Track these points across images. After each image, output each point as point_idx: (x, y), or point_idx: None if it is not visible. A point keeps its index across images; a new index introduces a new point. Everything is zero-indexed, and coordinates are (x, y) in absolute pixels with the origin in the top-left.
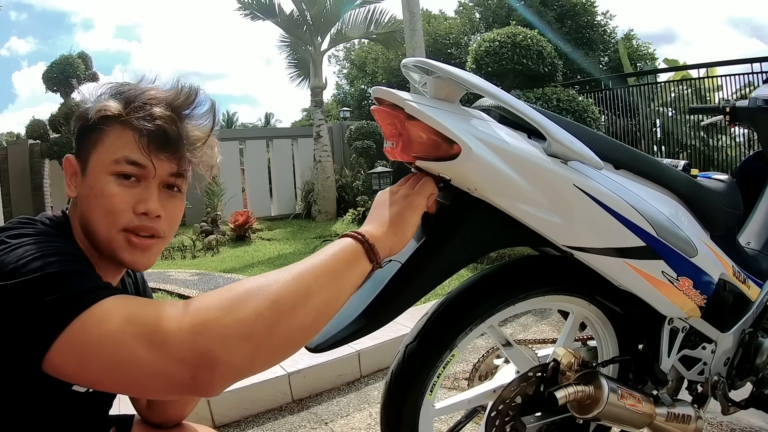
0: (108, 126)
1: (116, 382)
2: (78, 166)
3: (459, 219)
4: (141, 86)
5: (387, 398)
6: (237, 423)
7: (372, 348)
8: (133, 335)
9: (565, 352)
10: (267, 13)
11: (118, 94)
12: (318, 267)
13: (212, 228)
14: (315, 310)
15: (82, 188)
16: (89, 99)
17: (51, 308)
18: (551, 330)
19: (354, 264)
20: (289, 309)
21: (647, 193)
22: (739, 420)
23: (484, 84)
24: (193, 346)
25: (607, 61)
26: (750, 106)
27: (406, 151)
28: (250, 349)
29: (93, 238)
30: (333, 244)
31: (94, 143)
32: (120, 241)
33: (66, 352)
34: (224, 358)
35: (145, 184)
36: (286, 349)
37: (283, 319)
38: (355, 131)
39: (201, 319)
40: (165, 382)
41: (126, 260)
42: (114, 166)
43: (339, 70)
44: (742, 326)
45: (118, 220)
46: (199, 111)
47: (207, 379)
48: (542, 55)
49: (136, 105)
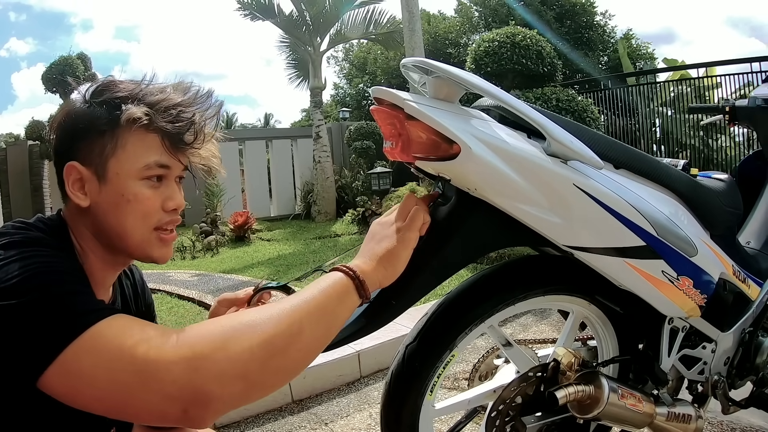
0: (126, 131)
1: (107, 410)
2: (89, 173)
3: (459, 219)
4: (155, 88)
5: (387, 398)
6: (237, 423)
7: (372, 348)
8: (124, 368)
9: (565, 352)
10: (266, 14)
11: (134, 98)
12: (310, 303)
13: (212, 229)
14: (306, 347)
15: (104, 196)
16: (83, 102)
17: (44, 334)
18: (551, 330)
19: (345, 299)
20: (282, 347)
21: (647, 193)
22: (740, 419)
23: (484, 84)
24: (186, 384)
25: (606, 61)
26: (749, 105)
27: (406, 151)
28: (243, 387)
29: (119, 242)
30: (324, 278)
31: (113, 149)
32: (153, 240)
33: (58, 378)
34: (218, 394)
35: (166, 182)
36: (278, 384)
37: (277, 356)
38: (355, 132)
39: (195, 355)
40: (156, 415)
41: (156, 256)
42: (146, 171)
43: (339, 71)
44: (742, 325)
45: (152, 221)
46: (212, 112)
47: (199, 414)
48: (541, 55)
49: (159, 108)
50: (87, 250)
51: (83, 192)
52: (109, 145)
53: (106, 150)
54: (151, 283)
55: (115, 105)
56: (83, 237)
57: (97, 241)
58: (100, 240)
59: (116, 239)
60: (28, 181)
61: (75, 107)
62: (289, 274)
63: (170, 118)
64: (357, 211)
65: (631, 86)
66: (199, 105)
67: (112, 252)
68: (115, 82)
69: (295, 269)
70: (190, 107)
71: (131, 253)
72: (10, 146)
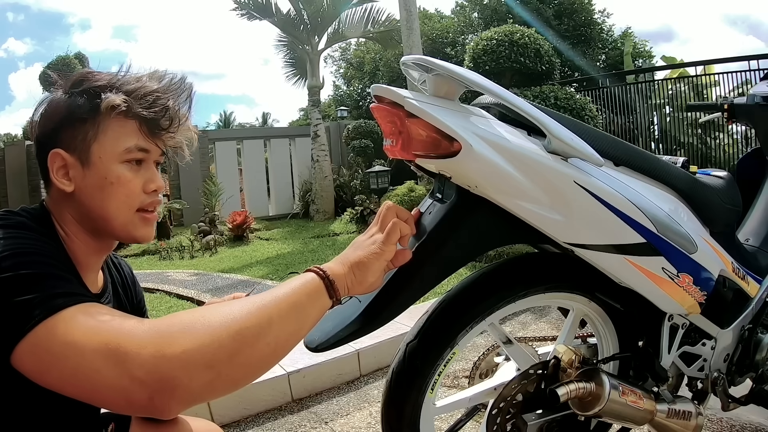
0: (106, 118)
1: (75, 390)
2: (72, 159)
3: (459, 216)
4: (131, 77)
5: (388, 397)
6: (237, 423)
7: (371, 347)
8: (95, 349)
9: (565, 350)
10: (263, 13)
11: (112, 87)
12: (280, 299)
13: (210, 228)
14: (275, 341)
15: (88, 180)
16: (63, 92)
17: (18, 310)
18: (551, 328)
19: (315, 298)
20: (251, 339)
21: (647, 190)
22: (739, 416)
23: (484, 81)
24: (153, 370)
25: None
26: (748, 103)
27: (406, 149)
28: (210, 377)
29: (104, 225)
30: (297, 278)
31: (95, 135)
32: (136, 221)
33: (29, 354)
34: (185, 383)
35: (146, 165)
36: (246, 377)
37: (245, 348)
38: (353, 130)
39: (164, 342)
40: (122, 400)
41: (140, 236)
42: (126, 155)
43: (336, 70)
44: (742, 322)
45: (134, 202)
46: (184, 97)
47: (164, 403)
48: (540, 54)
49: (137, 96)
50: (71, 235)
51: (68, 178)
52: (91, 132)
53: (89, 136)
54: (150, 282)
55: (94, 94)
56: (67, 223)
57: (81, 226)
58: (85, 225)
59: (101, 221)
60: (26, 181)
61: (56, 98)
62: (287, 272)
63: (146, 105)
64: (355, 210)
65: (630, 84)
66: (173, 91)
67: (96, 236)
68: (92, 72)
69: (293, 268)
70: (165, 94)
71: (116, 235)
72: (8, 146)
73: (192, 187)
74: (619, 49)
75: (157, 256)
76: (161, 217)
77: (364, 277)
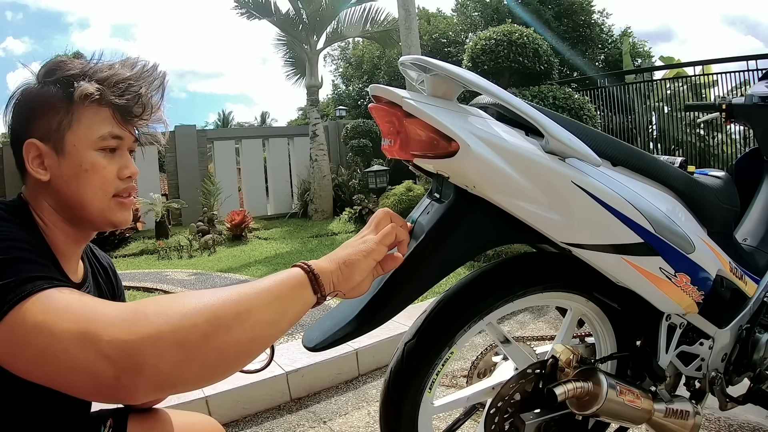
0: (80, 106)
1: (42, 373)
2: (47, 148)
3: (457, 216)
4: (103, 65)
5: (386, 396)
6: (236, 422)
7: (370, 346)
8: (66, 329)
9: (563, 349)
10: (263, 12)
11: (85, 75)
12: (262, 289)
13: (209, 228)
14: (253, 330)
15: (64, 168)
16: (37, 82)
17: None
18: (548, 327)
19: (298, 291)
20: (227, 323)
21: (645, 190)
22: (737, 416)
23: (482, 81)
24: (122, 347)
25: (603, 59)
26: (746, 103)
27: (404, 149)
28: (181, 357)
29: (81, 212)
30: (281, 272)
31: (69, 123)
32: (112, 207)
33: (1, 341)
34: (152, 362)
35: (120, 153)
36: (220, 364)
37: (220, 332)
38: (351, 130)
39: (136, 319)
40: (89, 379)
41: (117, 220)
42: (101, 142)
43: (335, 69)
44: (740, 322)
45: (110, 188)
46: (157, 84)
47: (131, 383)
48: (538, 53)
49: (109, 83)
50: (50, 224)
51: (43, 167)
52: (65, 120)
53: (63, 125)
54: (148, 282)
55: (67, 83)
56: (45, 212)
57: (58, 214)
58: (62, 213)
59: (78, 208)
60: None
61: (29, 88)
62: None
63: (119, 92)
64: (354, 209)
65: (628, 84)
66: (145, 78)
67: (74, 224)
68: (65, 61)
69: None
70: (137, 81)
71: (93, 221)
72: (5, 146)
73: (190, 186)
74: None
75: (155, 255)
76: (159, 216)
77: (351, 275)
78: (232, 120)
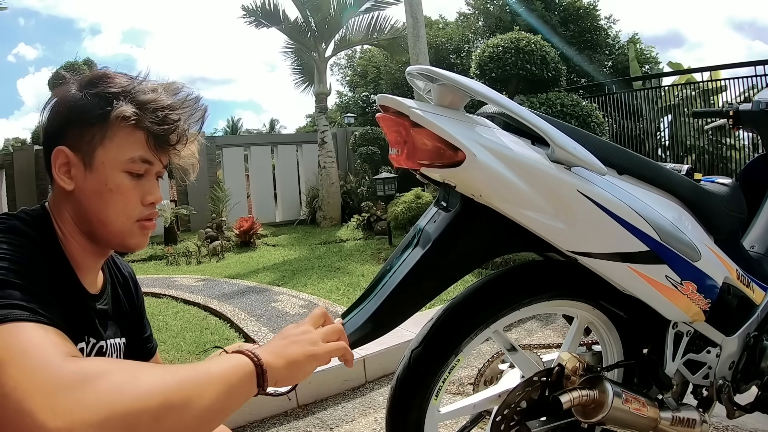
0: (115, 125)
1: None
2: (76, 159)
3: (464, 225)
4: (147, 86)
5: (392, 403)
6: (242, 428)
7: (377, 353)
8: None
9: (569, 357)
10: (271, 20)
11: (126, 95)
12: (213, 376)
13: (217, 234)
14: (202, 416)
15: (89, 182)
16: (77, 90)
17: None
18: (556, 335)
19: (246, 383)
20: (178, 408)
21: (651, 198)
22: (745, 424)
23: (488, 91)
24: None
25: (611, 65)
26: (753, 109)
27: (411, 158)
28: None
29: (100, 229)
30: (228, 358)
31: (101, 139)
32: (134, 230)
33: None
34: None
35: (147, 177)
36: None
37: (171, 416)
38: (360, 137)
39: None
40: None
41: (133, 244)
42: (129, 165)
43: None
44: (747, 330)
45: (133, 212)
46: (197, 116)
47: None
48: (546, 60)
49: (148, 108)
50: (68, 235)
51: (69, 176)
52: (97, 136)
53: (95, 140)
54: (157, 287)
55: (107, 99)
56: (65, 222)
57: (77, 227)
58: (81, 226)
59: (96, 225)
60: (35, 186)
61: (69, 94)
62: (294, 279)
63: (157, 120)
64: (362, 216)
65: (636, 90)
66: (185, 109)
67: (90, 238)
68: (109, 74)
69: (300, 274)
70: (177, 111)
71: (109, 240)
72: (17, 151)
73: (199, 192)
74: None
75: (164, 261)
76: (168, 222)
77: (295, 376)
78: (241, 127)
